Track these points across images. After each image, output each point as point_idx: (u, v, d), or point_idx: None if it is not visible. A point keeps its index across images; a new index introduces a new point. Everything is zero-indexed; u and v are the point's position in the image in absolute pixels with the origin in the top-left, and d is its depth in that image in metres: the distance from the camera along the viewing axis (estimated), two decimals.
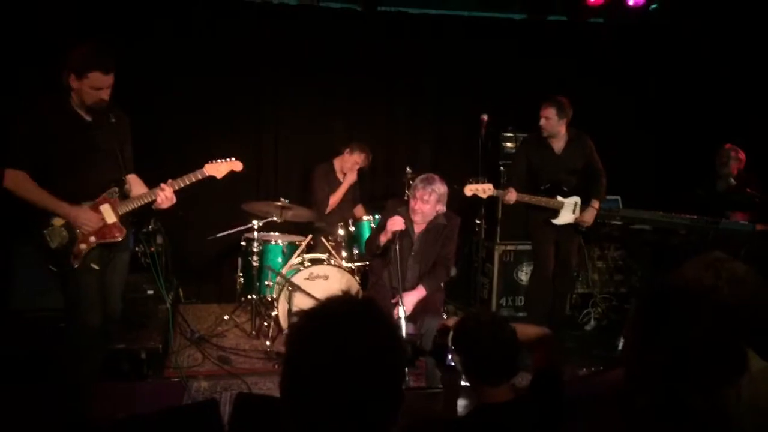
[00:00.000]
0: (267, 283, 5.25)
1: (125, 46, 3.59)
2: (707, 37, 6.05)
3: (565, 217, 5.00)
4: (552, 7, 6.45)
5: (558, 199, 4.96)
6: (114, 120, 3.38)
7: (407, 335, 3.78)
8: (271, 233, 5.58)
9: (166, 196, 3.46)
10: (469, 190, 4.73)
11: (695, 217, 4.84)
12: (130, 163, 3.57)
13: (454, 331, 2.16)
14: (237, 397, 2.62)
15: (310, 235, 5.53)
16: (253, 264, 5.24)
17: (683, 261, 1.35)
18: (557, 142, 5.03)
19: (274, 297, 5.12)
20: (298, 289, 4.73)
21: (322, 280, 4.94)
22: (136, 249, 4.49)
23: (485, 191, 4.74)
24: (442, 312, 4.54)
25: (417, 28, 6.35)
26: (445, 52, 6.39)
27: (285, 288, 4.81)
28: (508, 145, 6.10)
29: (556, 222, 5.00)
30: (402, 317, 3.89)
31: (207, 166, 3.66)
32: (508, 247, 6.05)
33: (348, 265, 5.28)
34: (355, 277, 5.16)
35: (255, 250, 5.23)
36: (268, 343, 4.95)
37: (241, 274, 5.55)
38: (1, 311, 4.52)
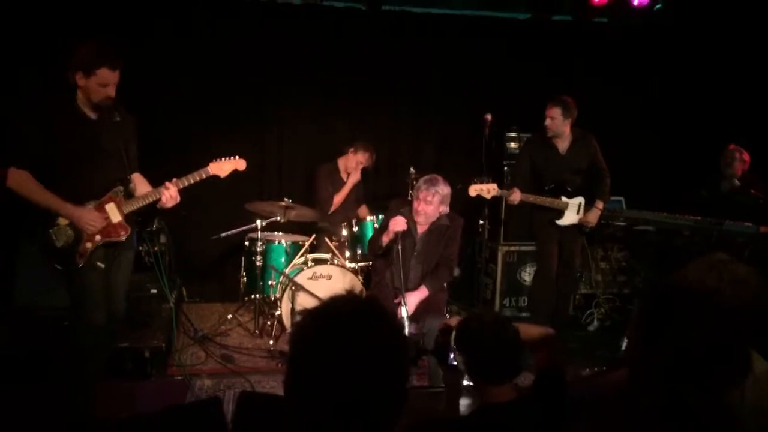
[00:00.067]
0: (270, 282, 5.27)
1: (129, 45, 3.59)
2: (711, 37, 6.04)
3: (569, 218, 4.99)
4: (556, 6, 6.44)
5: (562, 199, 4.96)
6: (119, 119, 3.39)
7: (409, 335, 3.78)
8: (275, 233, 5.58)
9: (170, 195, 3.46)
10: (474, 190, 4.73)
11: (699, 218, 4.83)
12: (135, 162, 3.58)
13: (456, 331, 2.16)
14: (240, 395, 2.62)
15: (314, 235, 5.54)
16: (257, 263, 5.24)
17: (687, 262, 1.35)
18: (562, 142, 5.02)
19: (278, 296, 5.13)
20: (301, 288, 4.73)
21: (325, 280, 4.94)
22: (140, 248, 4.49)
23: (489, 191, 4.73)
24: (445, 312, 4.54)
25: (421, 28, 6.34)
26: (449, 51, 6.38)
27: (288, 287, 4.81)
28: (512, 145, 6.10)
29: (560, 222, 5.00)
30: (404, 317, 3.89)
31: (211, 165, 3.67)
32: (511, 248, 6.05)
33: (351, 265, 5.28)
34: (358, 277, 5.16)
35: (258, 249, 5.23)
36: (271, 342, 4.96)
37: (244, 274, 5.56)
38: (5, 310, 4.52)
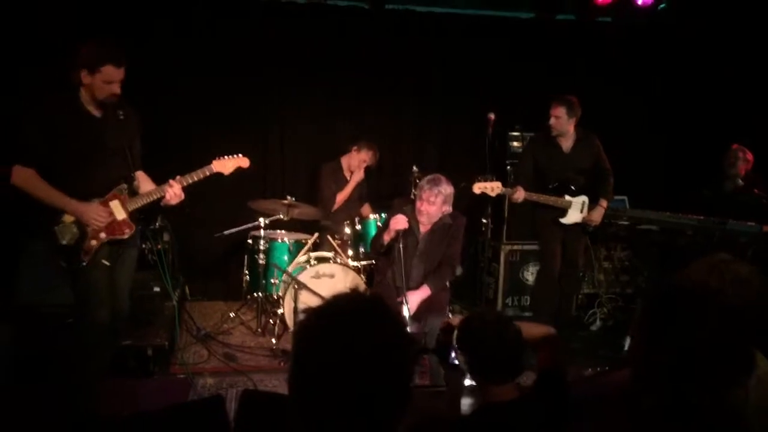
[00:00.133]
0: (273, 281, 5.27)
1: (132, 45, 3.60)
2: (715, 37, 6.02)
3: (572, 217, 4.99)
4: (560, 6, 6.43)
5: (566, 198, 4.95)
6: (123, 117, 3.40)
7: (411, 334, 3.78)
8: (278, 231, 5.59)
9: (174, 193, 3.48)
10: (478, 188, 4.72)
11: (702, 217, 4.82)
12: (139, 160, 3.59)
13: (458, 330, 2.16)
14: (243, 393, 2.63)
15: (317, 234, 5.54)
16: (260, 262, 5.25)
17: (690, 262, 1.35)
18: (565, 141, 5.02)
19: (280, 295, 5.14)
20: (304, 287, 4.73)
21: (328, 279, 4.95)
22: (143, 246, 4.50)
23: (494, 189, 4.73)
24: (447, 311, 4.54)
25: (424, 27, 6.33)
26: (453, 50, 6.38)
27: (291, 286, 4.81)
28: (515, 144, 6.08)
29: (563, 221, 5.00)
30: (406, 316, 3.90)
31: (214, 162, 3.69)
32: (514, 247, 6.04)
33: (354, 263, 5.28)
34: (361, 276, 5.16)
35: (261, 248, 5.24)
36: (273, 340, 4.96)
37: (247, 272, 5.57)
38: (9, 306, 4.53)
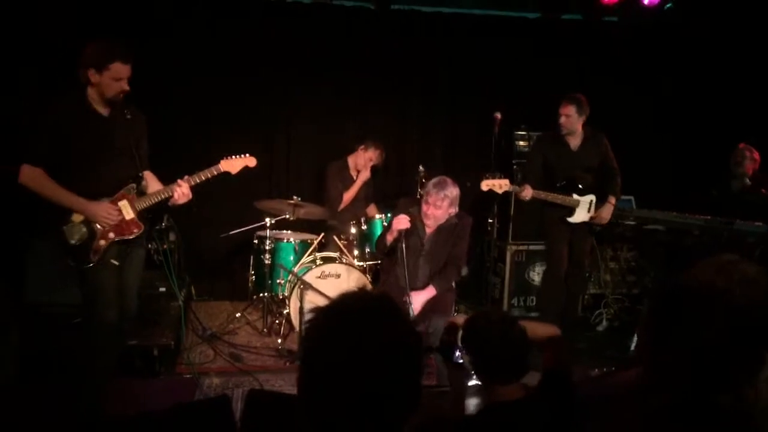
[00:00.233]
0: (279, 281, 5.27)
1: (140, 45, 3.61)
2: (722, 36, 6.00)
3: (580, 215, 4.98)
4: (566, 5, 6.42)
5: (573, 196, 4.94)
6: (130, 116, 3.41)
7: None
8: (284, 231, 5.59)
9: (182, 192, 3.50)
10: (486, 185, 4.71)
11: (709, 217, 4.80)
12: (146, 159, 3.60)
13: (463, 330, 2.16)
14: (249, 393, 2.63)
15: (322, 234, 5.54)
16: (265, 262, 5.25)
17: (696, 262, 1.34)
18: (573, 140, 5.01)
19: (286, 295, 5.14)
20: (309, 287, 4.73)
21: (333, 279, 4.95)
22: (149, 246, 4.52)
23: (501, 186, 4.72)
24: (452, 312, 4.53)
25: (430, 27, 6.33)
26: (459, 50, 6.37)
27: (297, 286, 4.82)
28: (521, 143, 6.07)
29: (571, 220, 4.98)
30: (410, 316, 3.89)
31: (222, 162, 3.70)
32: (520, 247, 6.02)
33: (360, 263, 5.28)
34: (367, 276, 5.16)
35: (267, 248, 5.24)
36: (279, 340, 4.97)
37: (253, 272, 5.57)
38: (16, 306, 4.55)
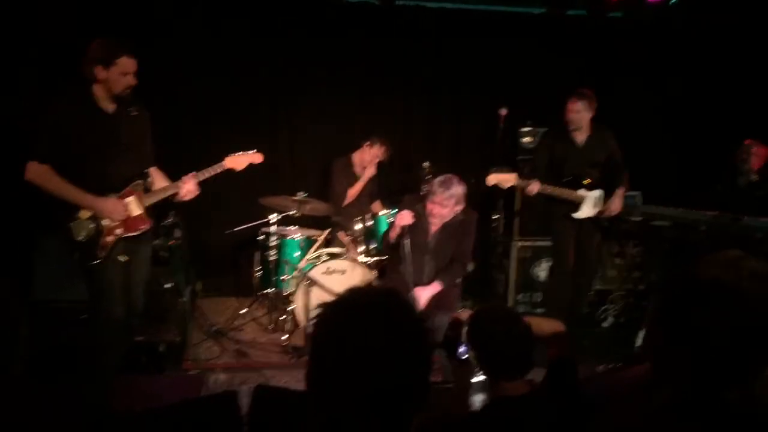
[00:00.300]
0: (284, 277, 5.28)
1: (142, 43, 3.62)
2: (727, 31, 5.97)
3: (586, 211, 4.96)
4: (571, 1, 6.40)
5: (580, 192, 4.93)
6: (135, 114, 3.43)
7: None
8: (289, 227, 5.60)
9: (189, 189, 3.52)
10: (493, 179, 4.70)
11: (716, 213, 4.78)
12: (152, 156, 3.62)
13: (468, 326, 2.16)
14: (256, 388, 2.64)
15: (328, 230, 5.55)
16: (271, 258, 5.26)
17: (703, 258, 1.34)
18: (580, 135, 5.00)
19: (292, 291, 5.15)
20: (315, 283, 4.74)
21: (339, 275, 4.95)
22: (155, 242, 4.54)
23: (508, 181, 4.71)
24: (457, 307, 4.53)
25: (435, 23, 6.31)
26: (464, 46, 6.35)
27: (302, 282, 4.82)
28: (526, 139, 6.04)
29: (577, 216, 4.97)
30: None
31: (227, 158, 3.72)
32: (525, 243, 6.01)
33: (365, 259, 5.28)
34: (372, 272, 5.16)
35: (272, 244, 5.25)
36: (285, 336, 4.98)
37: (258, 268, 5.58)
38: (23, 302, 4.57)
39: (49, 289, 4.63)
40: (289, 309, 5.14)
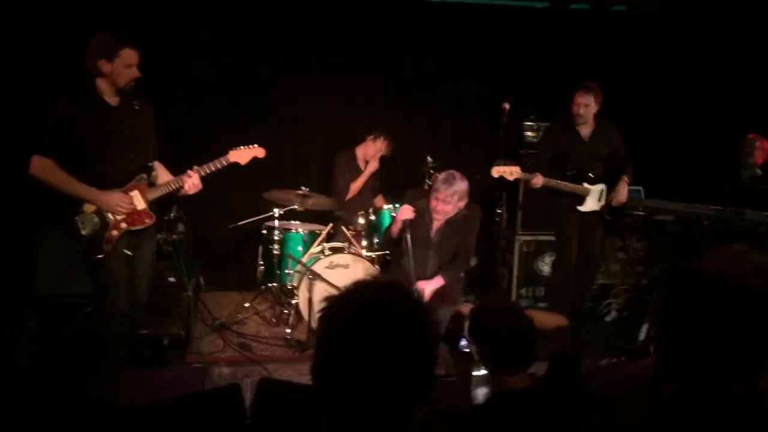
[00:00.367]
0: (287, 271, 5.29)
1: (145, 37, 3.61)
2: (731, 25, 5.95)
3: (590, 204, 4.96)
4: None
5: (584, 185, 4.92)
6: (138, 107, 3.43)
7: None
8: (292, 222, 5.61)
9: (193, 183, 3.52)
10: (497, 171, 4.70)
11: (719, 207, 4.77)
12: (155, 150, 3.62)
13: (470, 320, 2.17)
14: (260, 381, 2.64)
15: (331, 224, 5.55)
16: (274, 252, 5.27)
17: (706, 252, 1.34)
18: (585, 129, 4.99)
19: (295, 285, 5.16)
20: (318, 277, 4.75)
21: (342, 269, 4.95)
22: (158, 236, 4.55)
23: (512, 173, 4.71)
24: (460, 302, 4.54)
25: (438, 16, 6.30)
26: (467, 40, 6.34)
27: (305, 276, 4.83)
28: (529, 133, 6.04)
29: (581, 209, 4.96)
30: None
31: (231, 152, 3.72)
32: (529, 237, 6.01)
33: (368, 254, 5.29)
34: (375, 267, 5.16)
35: (276, 238, 5.26)
36: (288, 330, 4.99)
37: (261, 262, 5.58)
38: (28, 296, 4.58)
39: (53, 282, 4.64)
40: (293, 303, 5.15)
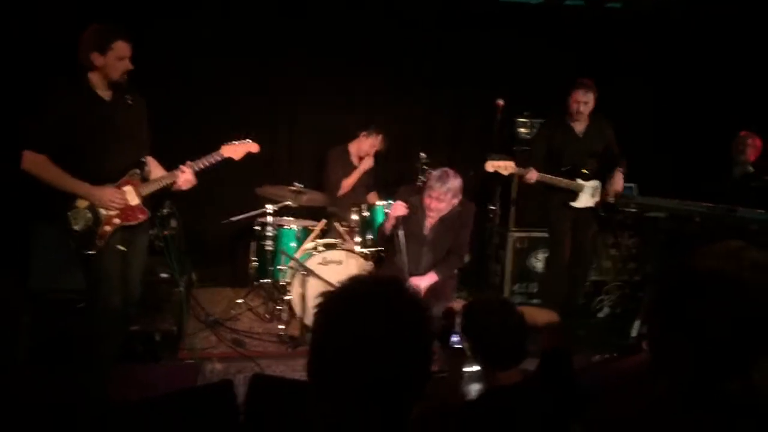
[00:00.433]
0: (280, 267, 5.28)
1: (139, 30, 3.59)
2: (724, 22, 5.97)
3: (584, 200, 4.98)
4: None
5: (578, 181, 4.94)
6: (131, 102, 3.41)
7: None
8: (285, 218, 5.60)
9: (186, 178, 3.51)
10: (491, 166, 4.70)
11: (711, 205, 4.79)
12: (148, 144, 3.60)
13: (462, 317, 2.17)
14: (253, 377, 2.64)
15: (324, 220, 5.55)
16: (267, 248, 5.26)
17: (698, 249, 1.34)
18: (579, 125, 5.01)
19: (288, 281, 5.15)
20: (311, 273, 4.75)
21: (335, 265, 4.95)
22: (150, 232, 4.53)
23: (507, 168, 4.71)
24: (452, 298, 4.54)
25: (433, 12, 6.30)
26: (461, 36, 6.34)
27: (298, 272, 4.83)
28: (523, 130, 6.05)
29: (575, 205, 4.98)
30: None
31: (224, 147, 3.71)
32: (521, 234, 6.02)
33: (361, 250, 5.28)
34: (369, 263, 5.16)
35: (269, 234, 5.25)
36: (281, 326, 4.98)
37: (254, 259, 5.58)
38: (22, 291, 4.56)
39: (46, 278, 4.62)
40: (286, 299, 5.15)
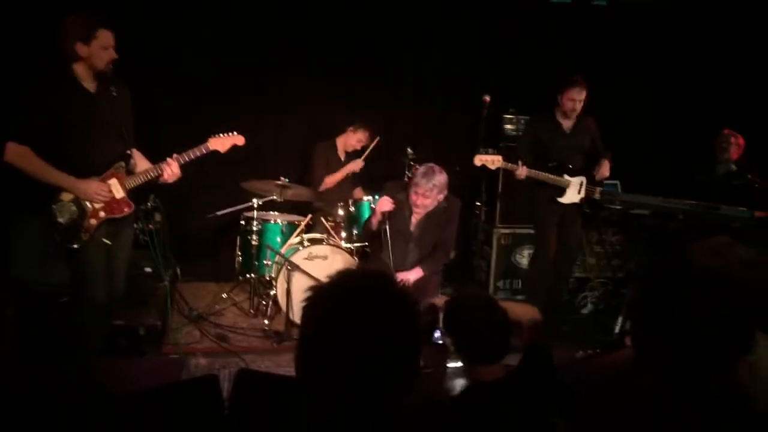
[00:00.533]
0: (266, 262, 5.27)
1: (127, 22, 3.55)
2: (709, 21, 6.02)
3: (570, 196, 5.00)
4: None
5: (565, 177, 4.96)
6: (116, 94, 3.37)
7: None
8: (271, 212, 5.58)
9: (172, 171, 3.47)
10: (479, 160, 4.71)
11: (694, 202, 4.83)
12: (132, 136, 3.57)
13: (445, 313, 2.18)
14: (238, 372, 2.63)
15: (310, 215, 5.53)
16: (252, 243, 5.25)
17: (682, 246, 1.35)
18: (567, 121, 5.03)
19: (273, 276, 5.14)
20: (296, 268, 4.74)
21: (321, 260, 4.94)
22: (134, 226, 4.50)
23: (494, 162, 4.73)
24: (437, 294, 4.56)
25: (421, 6, 6.28)
26: (449, 31, 6.33)
27: (284, 267, 4.82)
28: (509, 126, 6.08)
29: (561, 200, 5.00)
30: None
31: (210, 140, 3.68)
32: (507, 231, 6.05)
33: (347, 245, 5.28)
34: (354, 258, 5.16)
35: (254, 229, 5.23)
36: (266, 321, 4.97)
37: (239, 253, 5.55)
38: (6, 283, 4.50)
39: (31, 270, 4.56)
40: (271, 294, 5.14)
